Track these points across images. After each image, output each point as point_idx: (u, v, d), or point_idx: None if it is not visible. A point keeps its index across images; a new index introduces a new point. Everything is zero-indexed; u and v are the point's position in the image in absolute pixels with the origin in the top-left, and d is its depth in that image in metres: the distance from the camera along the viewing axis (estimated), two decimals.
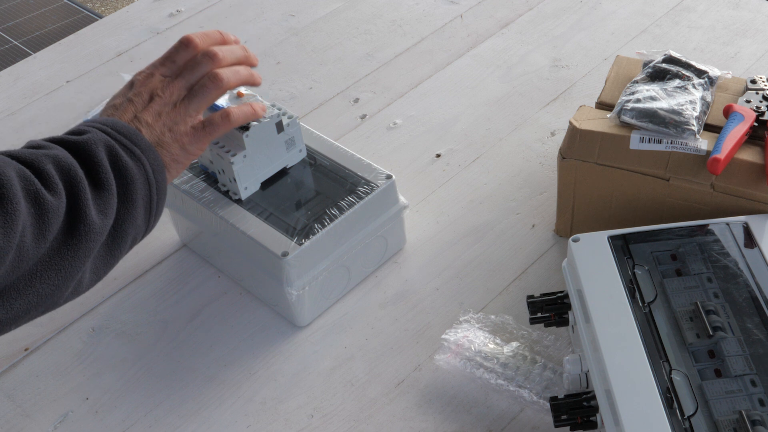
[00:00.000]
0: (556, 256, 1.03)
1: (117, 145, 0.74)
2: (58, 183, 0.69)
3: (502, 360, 0.89)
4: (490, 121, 1.22)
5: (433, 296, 1.00)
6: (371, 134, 1.22)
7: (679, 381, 0.73)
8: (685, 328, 0.78)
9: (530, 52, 1.33)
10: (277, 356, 0.96)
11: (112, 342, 0.99)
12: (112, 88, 1.29)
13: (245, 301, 1.02)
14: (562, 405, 0.79)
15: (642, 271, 0.83)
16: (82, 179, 0.70)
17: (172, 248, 1.09)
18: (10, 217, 0.63)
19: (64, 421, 0.92)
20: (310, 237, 0.92)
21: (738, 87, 0.97)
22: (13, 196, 0.64)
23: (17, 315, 0.67)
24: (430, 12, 1.43)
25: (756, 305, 0.79)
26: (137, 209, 0.74)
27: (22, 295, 0.66)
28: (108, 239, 0.72)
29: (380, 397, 0.91)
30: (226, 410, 0.91)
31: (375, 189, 0.97)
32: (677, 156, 0.90)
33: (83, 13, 2.40)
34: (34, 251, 0.66)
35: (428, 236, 1.07)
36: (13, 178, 0.65)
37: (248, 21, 1.46)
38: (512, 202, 1.10)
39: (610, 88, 1.00)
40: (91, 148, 0.72)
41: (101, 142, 0.73)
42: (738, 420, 0.71)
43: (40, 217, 0.66)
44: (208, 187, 0.98)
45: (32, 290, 0.67)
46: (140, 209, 0.74)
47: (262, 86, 1.23)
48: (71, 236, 0.69)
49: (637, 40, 1.33)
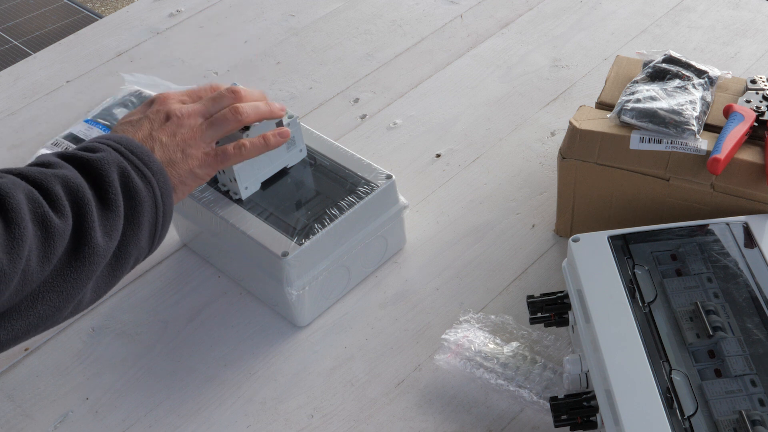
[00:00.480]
0: (556, 256, 1.03)
1: (129, 166, 0.73)
2: (66, 205, 0.68)
3: (502, 360, 0.89)
4: (490, 121, 1.22)
5: (433, 296, 1.00)
6: (371, 134, 1.22)
7: (679, 381, 0.73)
8: (685, 328, 0.78)
9: (530, 52, 1.33)
10: (277, 356, 0.96)
11: (112, 342, 0.99)
12: (112, 88, 1.30)
13: (245, 301, 1.02)
14: (562, 405, 0.79)
15: (642, 271, 0.83)
16: (89, 201, 0.70)
17: (172, 248, 1.09)
18: (17, 242, 0.63)
19: (64, 421, 0.92)
20: (310, 237, 0.92)
21: (738, 87, 0.97)
22: (20, 220, 0.64)
23: (17, 335, 0.67)
24: (430, 12, 1.43)
25: (756, 305, 0.79)
26: (142, 231, 0.74)
27: (24, 316, 0.66)
28: (111, 260, 0.72)
29: (380, 397, 0.91)
30: (226, 410, 0.91)
31: (375, 189, 0.97)
32: (677, 156, 0.90)
33: (83, 13, 2.40)
34: (38, 274, 0.66)
35: (428, 236, 1.07)
36: (21, 202, 0.65)
37: (248, 21, 1.46)
38: (512, 202, 1.10)
39: (610, 88, 1.00)
40: (103, 167, 0.72)
41: (114, 163, 0.72)
42: (738, 420, 0.71)
43: (47, 240, 0.66)
44: (208, 187, 0.98)
45: (34, 312, 0.67)
46: (145, 231, 0.74)
47: (263, 86, 1.23)
48: (75, 258, 0.68)
49: (637, 40, 1.33)
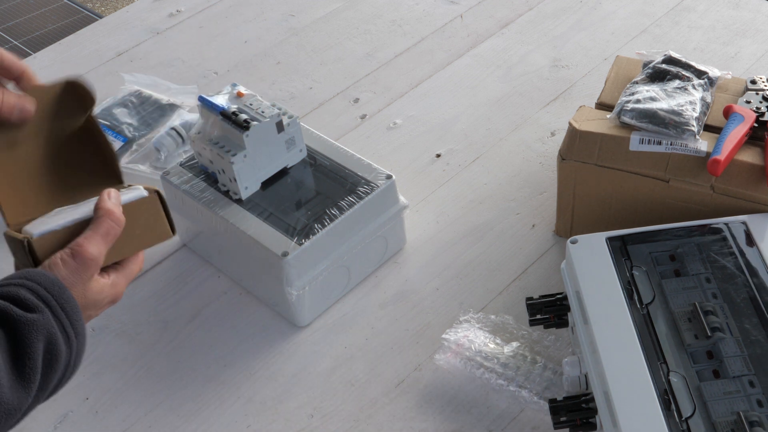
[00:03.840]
0: (556, 256, 1.03)
1: (58, 332, 0.65)
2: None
3: (503, 360, 0.89)
4: (490, 121, 1.23)
5: (433, 296, 1.00)
6: (371, 134, 1.22)
7: (676, 382, 0.74)
8: (683, 329, 0.78)
9: (530, 52, 1.33)
10: (277, 356, 0.96)
11: (112, 342, 0.99)
12: (112, 88, 1.30)
13: (245, 301, 1.02)
14: (561, 407, 0.79)
15: (640, 273, 0.83)
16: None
17: (172, 248, 1.09)
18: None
19: (64, 421, 0.92)
20: (310, 237, 0.92)
21: (738, 87, 0.97)
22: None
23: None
24: (430, 12, 1.43)
25: (755, 305, 0.79)
26: (45, 394, 0.66)
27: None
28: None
29: (380, 397, 0.91)
30: (226, 410, 0.91)
31: (375, 189, 0.97)
32: (677, 157, 0.90)
33: (83, 13, 2.40)
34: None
35: (428, 236, 1.07)
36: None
37: (248, 21, 1.46)
38: (512, 202, 1.10)
39: (609, 88, 1.00)
40: (30, 335, 0.63)
41: (43, 330, 0.64)
42: (736, 421, 0.71)
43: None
44: (208, 187, 0.99)
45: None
46: (48, 393, 0.66)
47: (262, 86, 1.23)
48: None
49: (637, 40, 1.33)
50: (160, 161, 1.16)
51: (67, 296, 0.66)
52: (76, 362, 0.67)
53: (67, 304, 0.66)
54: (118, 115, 1.22)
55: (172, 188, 1.00)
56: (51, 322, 0.64)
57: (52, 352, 0.64)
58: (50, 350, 0.64)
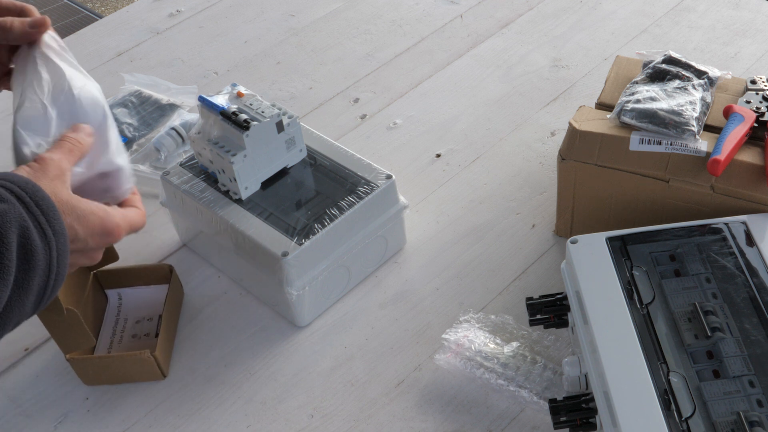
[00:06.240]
0: (556, 256, 1.03)
1: (31, 224, 0.63)
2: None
3: (503, 360, 0.89)
4: (490, 121, 1.23)
5: (433, 296, 1.00)
6: (371, 134, 1.22)
7: (676, 382, 0.74)
8: (683, 329, 0.78)
9: (530, 52, 1.33)
10: (277, 356, 0.96)
11: None
12: (112, 88, 1.30)
13: (245, 301, 1.02)
14: (561, 407, 0.79)
15: (640, 273, 0.83)
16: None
17: (172, 248, 1.09)
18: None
19: (64, 421, 0.92)
20: (310, 237, 0.92)
21: (738, 87, 0.97)
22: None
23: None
24: (430, 12, 1.44)
25: (755, 305, 0.79)
26: (30, 296, 0.65)
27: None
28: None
29: (380, 397, 0.91)
30: (226, 410, 0.92)
31: (375, 189, 0.97)
32: (677, 157, 0.90)
33: (83, 13, 2.41)
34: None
35: (428, 236, 1.07)
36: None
37: (248, 21, 1.46)
38: (512, 202, 1.10)
39: (609, 88, 1.00)
40: (2, 227, 0.61)
41: (15, 221, 0.62)
42: (736, 421, 0.71)
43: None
44: (208, 187, 0.99)
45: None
46: (33, 296, 0.65)
47: (262, 86, 1.23)
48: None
49: (637, 40, 1.33)
50: (160, 161, 1.16)
51: (42, 194, 0.65)
52: (60, 264, 0.65)
53: (43, 201, 0.64)
54: (118, 115, 1.22)
55: (172, 188, 1.00)
56: (23, 215, 0.63)
57: (27, 246, 0.63)
58: (24, 244, 0.62)
